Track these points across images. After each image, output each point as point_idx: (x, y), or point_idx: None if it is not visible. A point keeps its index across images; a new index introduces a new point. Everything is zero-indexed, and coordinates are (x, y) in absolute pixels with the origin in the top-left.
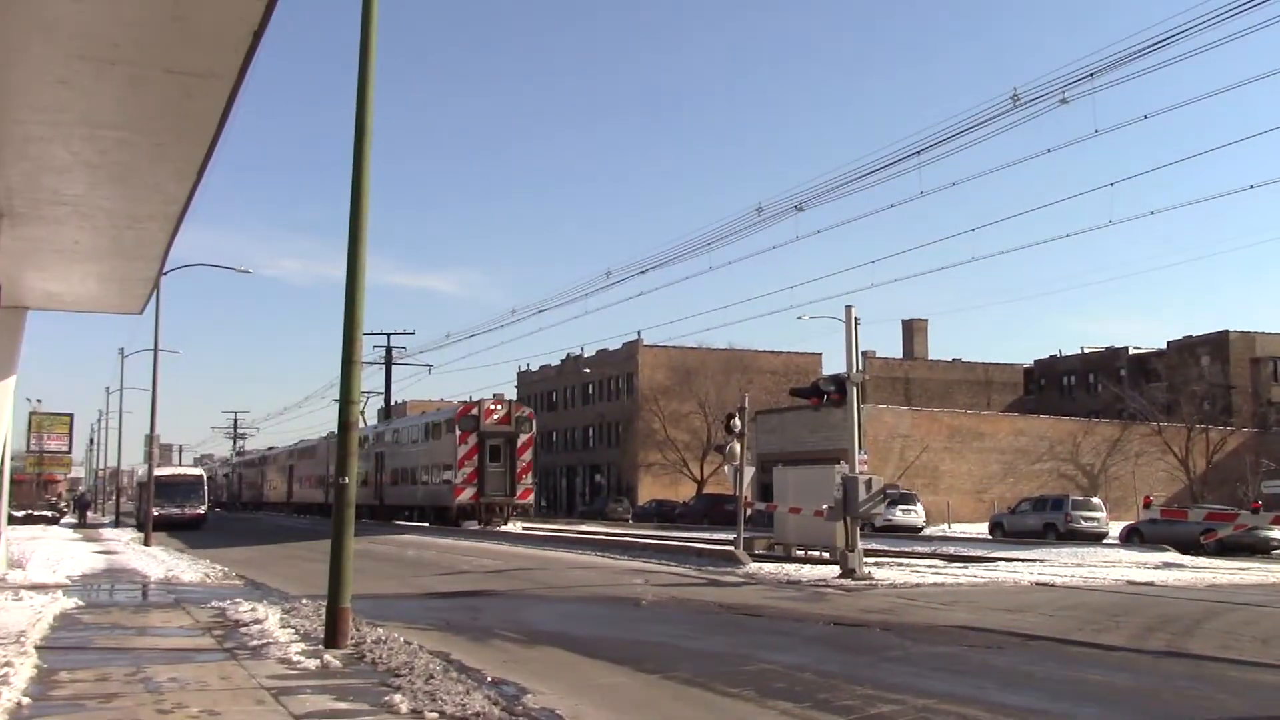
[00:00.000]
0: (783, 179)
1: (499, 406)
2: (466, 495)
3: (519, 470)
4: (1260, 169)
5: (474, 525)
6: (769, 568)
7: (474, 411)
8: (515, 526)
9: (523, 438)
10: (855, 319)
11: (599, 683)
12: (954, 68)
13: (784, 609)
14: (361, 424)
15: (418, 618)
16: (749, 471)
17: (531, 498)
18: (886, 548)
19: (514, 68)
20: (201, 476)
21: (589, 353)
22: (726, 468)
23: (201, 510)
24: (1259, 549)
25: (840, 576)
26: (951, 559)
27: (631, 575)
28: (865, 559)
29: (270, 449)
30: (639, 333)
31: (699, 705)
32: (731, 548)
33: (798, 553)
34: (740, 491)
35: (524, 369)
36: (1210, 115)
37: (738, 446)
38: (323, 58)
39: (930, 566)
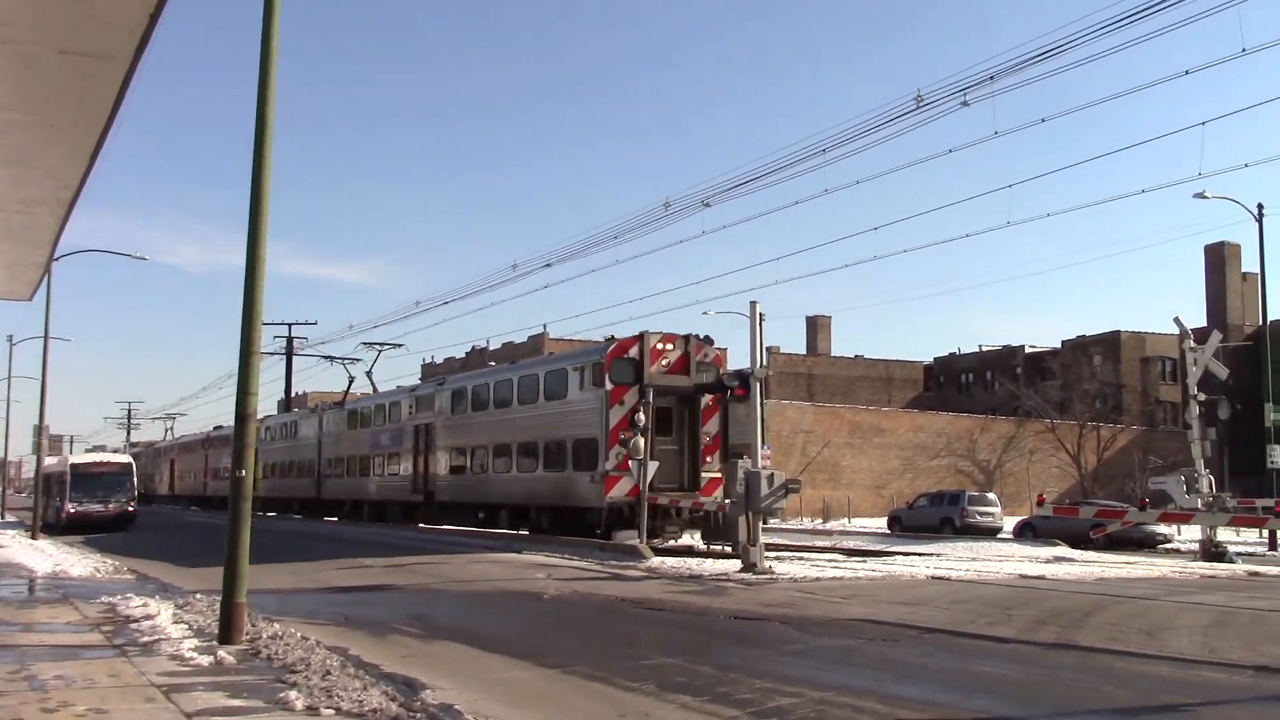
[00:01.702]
0: (691, 175)
1: (670, 346)
2: (622, 490)
3: (703, 449)
4: (1151, 174)
5: (631, 538)
6: (671, 562)
7: (632, 352)
8: (693, 538)
9: (707, 398)
10: (760, 315)
11: (499, 677)
12: (860, 68)
13: (685, 603)
14: (379, 386)
15: (317, 612)
16: (653, 466)
17: (720, 492)
18: (788, 542)
19: (426, 56)
20: (130, 465)
21: (495, 346)
22: (631, 462)
23: (131, 507)
24: (1145, 543)
25: (742, 571)
26: (850, 553)
27: (535, 569)
28: (766, 553)
29: (181, 437)
30: (545, 326)
31: (599, 699)
32: (635, 543)
33: (701, 547)
34: (644, 486)
35: (428, 361)
36: (1105, 120)
37: (641, 441)
38: (225, 37)
39: (830, 561)
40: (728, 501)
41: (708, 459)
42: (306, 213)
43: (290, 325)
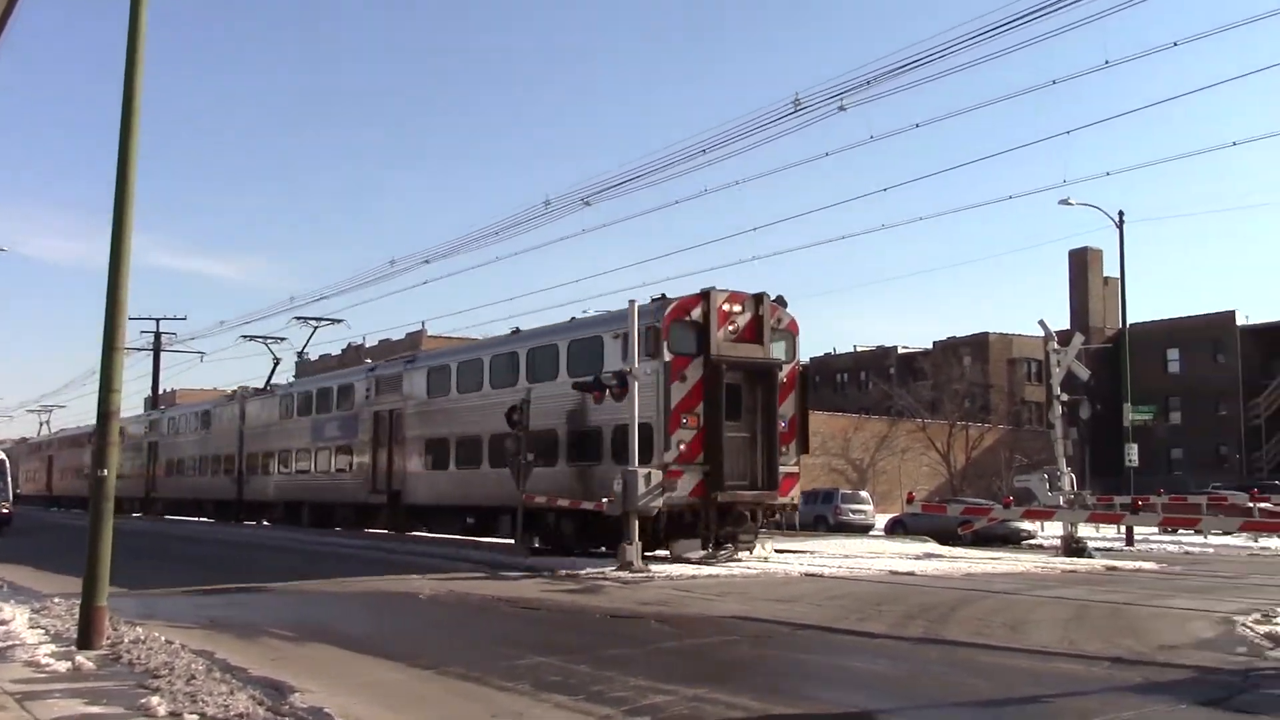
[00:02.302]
0: (571, 172)
1: (739, 307)
2: (685, 487)
3: (780, 436)
4: (1021, 181)
5: (695, 550)
6: (549, 561)
7: (694, 313)
8: (766, 550)
9: (785, 370)
10: (639, 313)
11: (371, 679)
12: (741, 69)
13: (562, 602)
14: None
15: (182, 615)
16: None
17: (797, 490)
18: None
19: (304, 46)
20: (3, 462)
21: (371, 343)
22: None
23: (6, 508)
24: (1010, 540)
25: (619, 570)
26: None
27: (412, 570)
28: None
29: (62, 431)
30: (424, 323)
31: (473, 699)
32: (513, 541)
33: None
34: (522, 486)
35: (303, 358)
36: (978, 127)
37: (518, 443)
38: (92, 22)
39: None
40: (606, 501)
41: (784, 449)
42: (180, 206)
43: (159, 320)
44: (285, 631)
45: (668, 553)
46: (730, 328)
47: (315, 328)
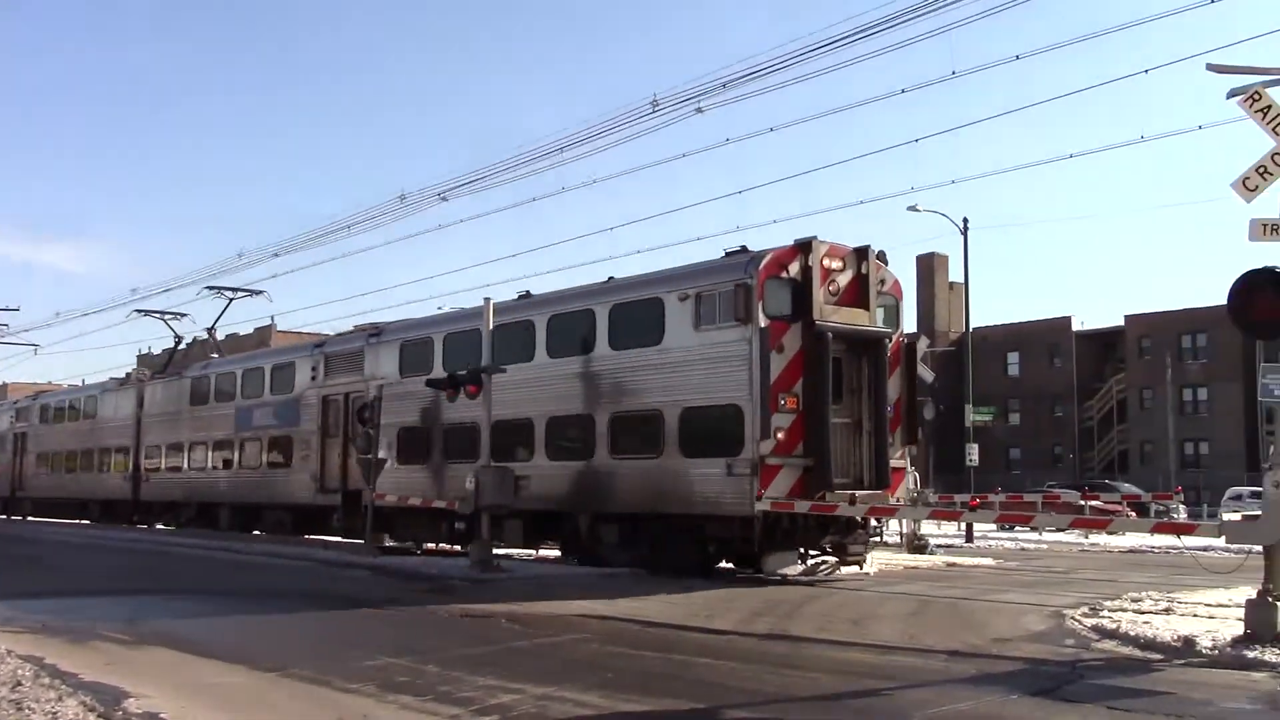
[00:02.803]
0: (427, 168)
1: (839, 263)
2: (783, 485)
3: (889, 423)
4: (869, 186)
5: (791, 565)
6: (400, 560)
7: (792, 268)
8: (872, 566)
9: (891, 341)
10: (494, 311)
11: (211, 682)
12: (601, 69)
13: (413, 601)
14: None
15: (11, 620)
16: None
17: (903, 488)
18: None
19: (149, 33)
20: None
21: (220, 336)
22: (358, 459)
23: None
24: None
25: (472, 568)
26: None
27: (256, 570)
28: (496, 549)
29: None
30: (272, 318)
31: (317, 701)
32: (362, 540)
33: (429, 545)
34: (372, 484)
35: (144, 352)
36: (830, 132)
37: (368, 440)
38: None
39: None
40: (458, 500)
41: (894, 437)
42: (18, 192)
43: None
44: (121, 635)
45: (762, 571)
46: (830, 288)
47: (230, 299)
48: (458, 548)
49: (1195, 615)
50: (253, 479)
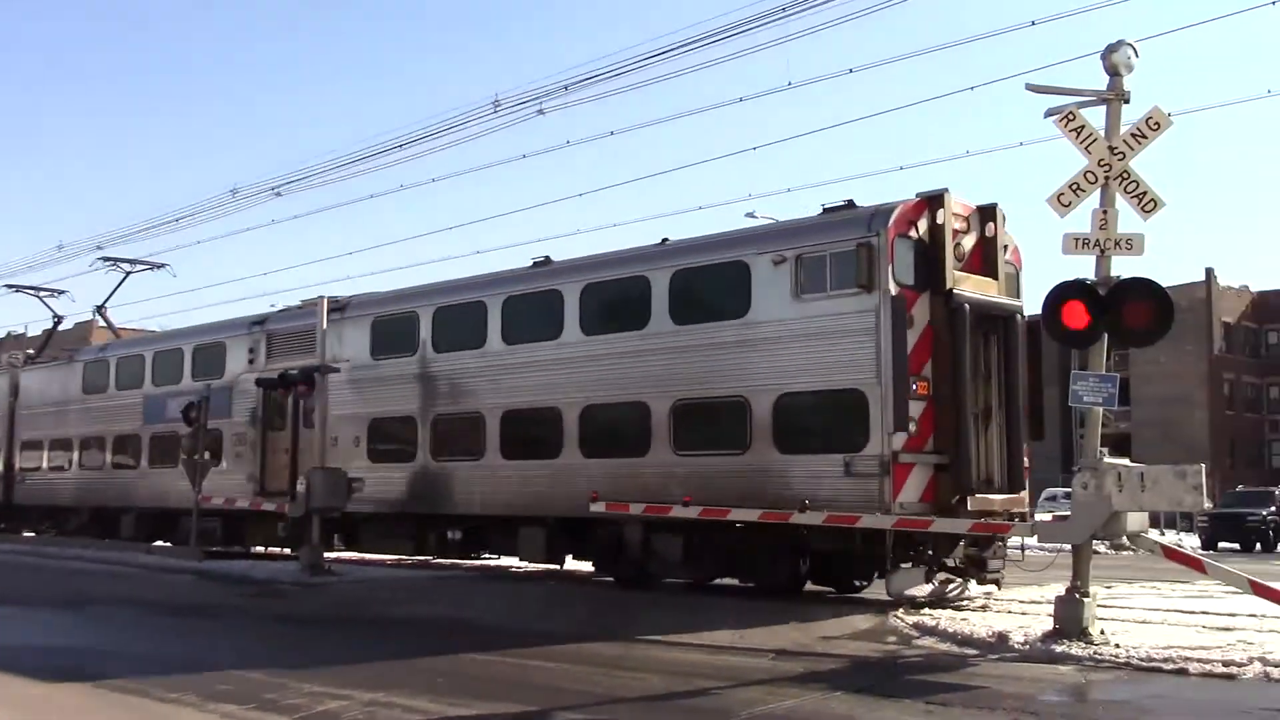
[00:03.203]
0: (258, 164)
1: (962, 223)
2: (913, 489)
3: (1021, 414)
4: (710, 192)
5: (918, 584)
6: (227, 565)
7: (920, 227)
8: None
9: (1022, 319)
10: (329, 310)
11: (22, 695)
12: (442, 68)
13: (239, 607)
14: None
15: None
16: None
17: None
18: None
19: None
20: None
21: (33, 332)
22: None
23: None
24: None
25: (302, 571)
26: None
27: (74, 576)
28: (329, 552)
29: None
30: (95, 313)
31: (136, 713)
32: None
33: (257, 548)
34: (197, 488)
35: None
36: (672, 138)
37: (194, 440)
38: None
39: (398, 560)
40: (289, 502)
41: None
42: None
43: None
44: None
45: (856, 590)
46: (956, 253)
47: (128, 273)
48: (288, 551)
49: (1010, 612)
50: (165, 481)
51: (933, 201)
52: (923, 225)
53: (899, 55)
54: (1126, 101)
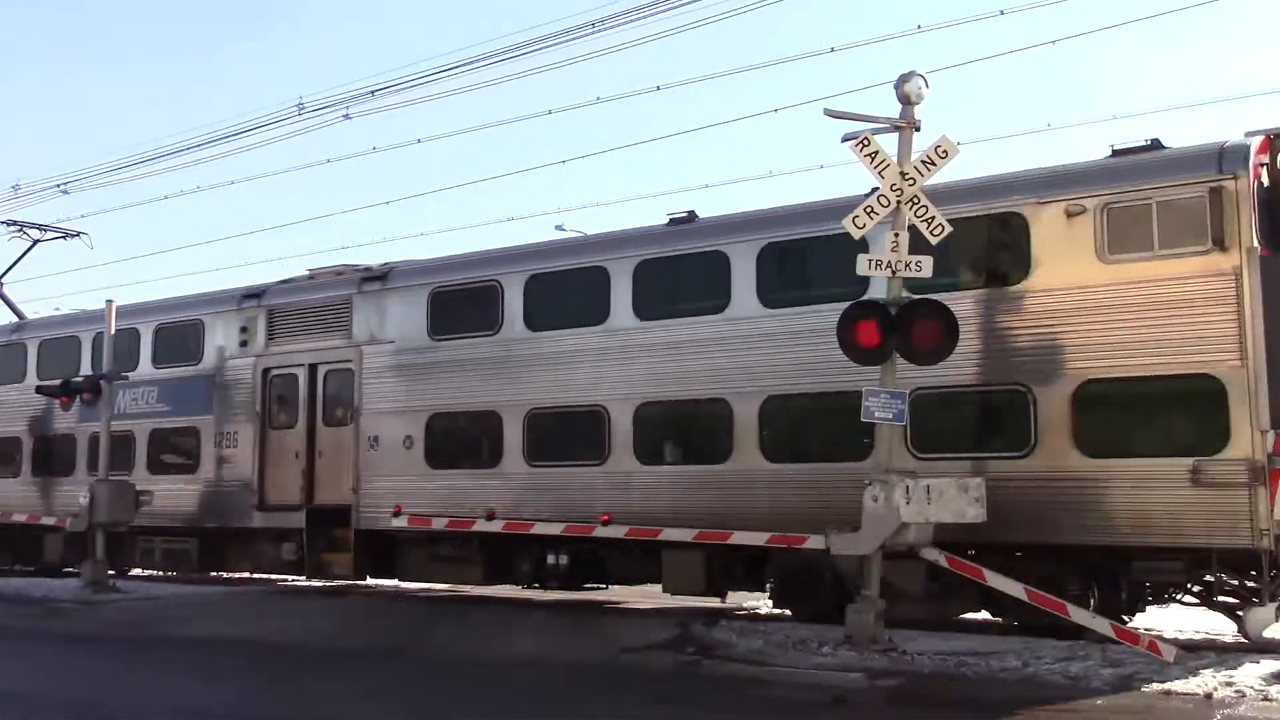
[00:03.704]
0: (49, 162)
1: None
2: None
3: None
4: (519, 204)
5: (1269, 620)
6: (3, 583)
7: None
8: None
9: None
10: (115, 314)
11: None
12: (238, 67)
13: (13, 628)
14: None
15: None
16: None
17: None
18: None
19: None
20: None
21: None
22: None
23: None
24: None
25: (84, 589)
26: None
27: None
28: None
29: None
30: None
31: None
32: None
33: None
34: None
35: None
36: (479, 149)
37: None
38: None
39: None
40: (70, 516)
41: None
42: None
43: None
44: None
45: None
46: None
47: (36, 240)
48: (69, 569)
49: (807, 622)
50: (113, 493)
51: (1277, 139)
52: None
53: (706, 75)
54: (918, 129)
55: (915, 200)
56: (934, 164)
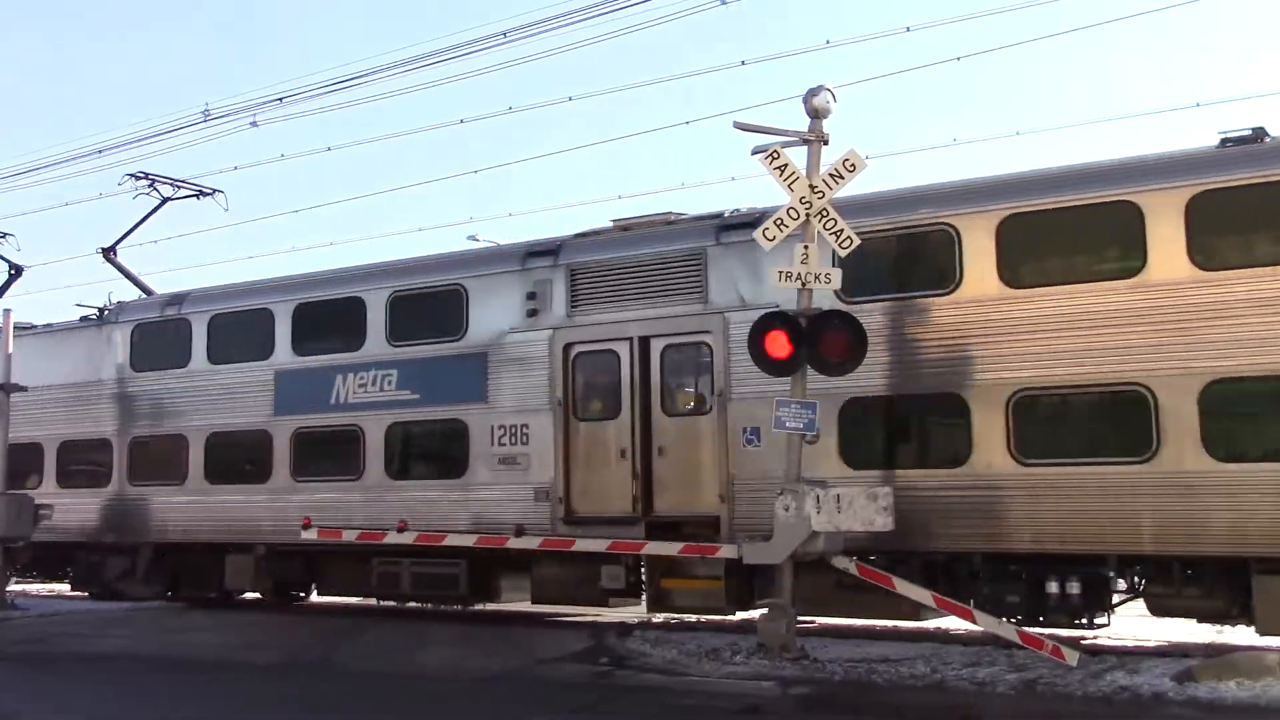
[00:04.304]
0: None
1: None
2: None
3: None
4: (431, 214)
5: None
6: None
7: None
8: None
9: None
10: (13, 324)
11: None
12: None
13: None
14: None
15: None
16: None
17: None
18: None
19: None
20: None
21: None
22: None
23: None
24: None
25: None
26: None
27: None
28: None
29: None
30: None
31: None
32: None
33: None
34: None
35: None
36: (393, 157)
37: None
38: None
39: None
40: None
41: None
42: None
43: None
44: None
45: None
46: None
47: (166, 199)
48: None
49: (721, 630)
50: (349, 501)
51: None
52: None
53: (619, 86)
54: (826, 143)
55: (824, 213)
56: (842, 177)
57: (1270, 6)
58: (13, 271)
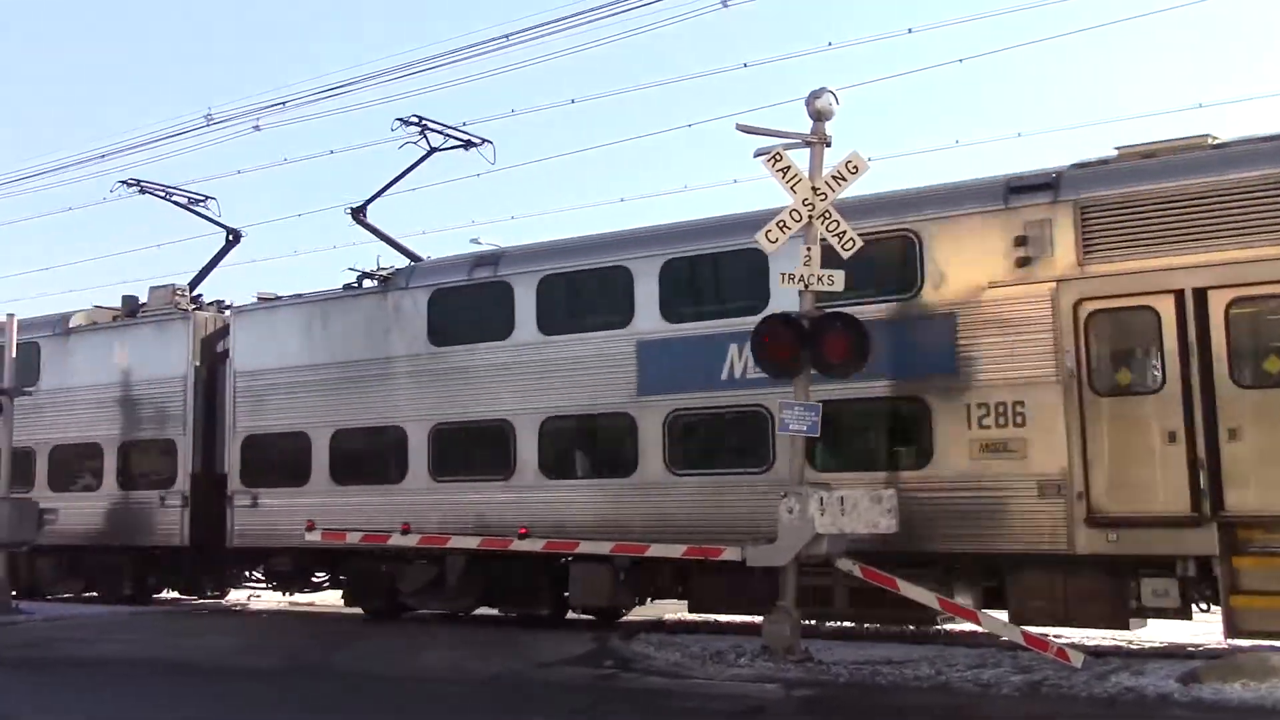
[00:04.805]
0: None
1: None
2: None
3: None
4: (433, 219)
5: None
6: None
7: None
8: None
9: None
10: (16, 327)
11: None
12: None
13: None
14: None
15: None
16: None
17: None
18: None
19: None
20: None
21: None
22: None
23: None
24: None
25: None
26: None
27: None
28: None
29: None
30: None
31: None
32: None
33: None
34: None
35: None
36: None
37: None
38: None
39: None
40: None
41: None
42: None
43: None
44: None
45: None
46: None
47: (433, 149)
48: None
49: (724, 634)
50: (752, 497)
51: None
52: None
53: (621, 89)
54: (828, 145)
55: (827, 215)
56: (844, 179)
57: (1270, 6)
58: (230, 238)
